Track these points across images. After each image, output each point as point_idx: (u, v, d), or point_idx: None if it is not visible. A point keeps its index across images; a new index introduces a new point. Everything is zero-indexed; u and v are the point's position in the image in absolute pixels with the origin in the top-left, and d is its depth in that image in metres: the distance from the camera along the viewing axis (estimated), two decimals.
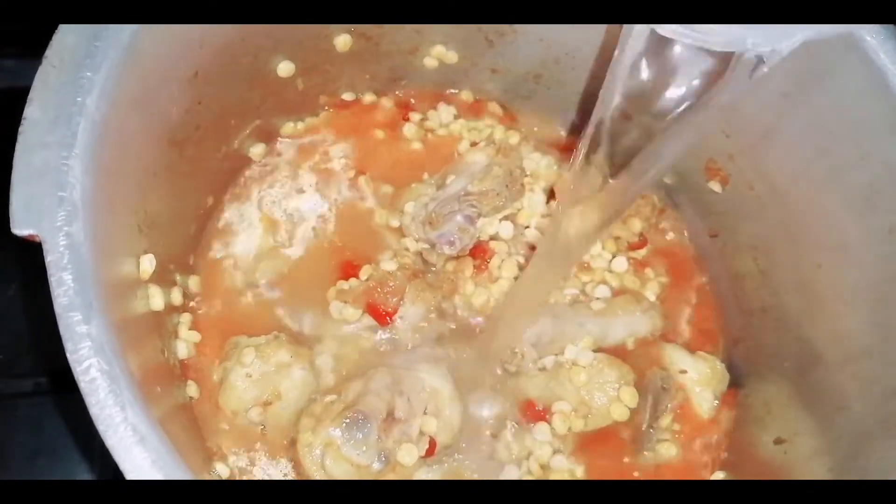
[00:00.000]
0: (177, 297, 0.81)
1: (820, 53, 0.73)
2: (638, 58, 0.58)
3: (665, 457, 0.83)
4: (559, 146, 0.99)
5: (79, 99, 0.60)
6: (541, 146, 0.98)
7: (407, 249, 0.89)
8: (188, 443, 0.73)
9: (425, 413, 0.78)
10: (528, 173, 0.93)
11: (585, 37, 0.89)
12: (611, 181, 0.64)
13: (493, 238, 0.90)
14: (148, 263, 0.71)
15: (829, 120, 0.74)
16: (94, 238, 0.58)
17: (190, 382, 0.81)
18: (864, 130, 0.72)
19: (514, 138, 0.97)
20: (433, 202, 0.89)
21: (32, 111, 0.59)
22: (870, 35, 0.69)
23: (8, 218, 0.56)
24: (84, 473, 0.89)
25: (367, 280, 0.85)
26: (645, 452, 0.83)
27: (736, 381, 0.87)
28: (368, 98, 0.98)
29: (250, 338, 0.81)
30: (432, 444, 0.78)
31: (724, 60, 0.55)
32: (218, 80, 0.79)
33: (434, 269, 0.88)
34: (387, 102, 0.99)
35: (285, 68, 0.88)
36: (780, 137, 0.81)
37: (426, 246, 0.88)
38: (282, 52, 0.86)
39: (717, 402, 0.85)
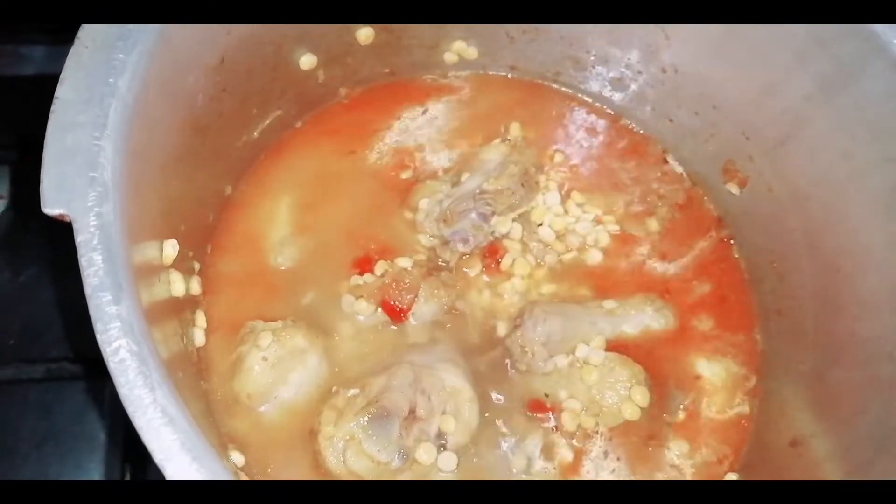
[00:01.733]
0: (195, 284, 0.81)
1: (844, 56, 0.73)
2: None
3: (678, 456, 0.83)
4: None
5: (111, 80, 0.60)
6: None
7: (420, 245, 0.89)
8: (206, 428, 0.72)
9: (444, 413, 0.77)
10: (543, 171, 0.93)
11: (608, 35, 0.90)
12: None
13: (506, 236, 0.90)
14: (171, 249, 0.71)
15: (852, 122, 0.75)
16: (122, 220, 0.58)
17: (206, 368, 0.80)
18: (889, 133, 0.72)
19: (530, 135, 0.97)
20: (448, 199, 0.89)
21: (65, 91, 0.59)
22: None
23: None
24: (93, 461, 0.89)
25: (382, 276, 0.85)
26: (664, 451, 0.83)
27: (750, 383, 0.87)
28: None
29: (266, 322, 0.81)
30: None
31: None
32: (242, 68, 0.79)
33: (447, 264, 0.88)
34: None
35: (307, 61, 0.88)
36: (801, 140, 0.81)
37: (439, 243, 0.88)
38: (305, 43, 0.86)
39: (731, 402, 0.85)
